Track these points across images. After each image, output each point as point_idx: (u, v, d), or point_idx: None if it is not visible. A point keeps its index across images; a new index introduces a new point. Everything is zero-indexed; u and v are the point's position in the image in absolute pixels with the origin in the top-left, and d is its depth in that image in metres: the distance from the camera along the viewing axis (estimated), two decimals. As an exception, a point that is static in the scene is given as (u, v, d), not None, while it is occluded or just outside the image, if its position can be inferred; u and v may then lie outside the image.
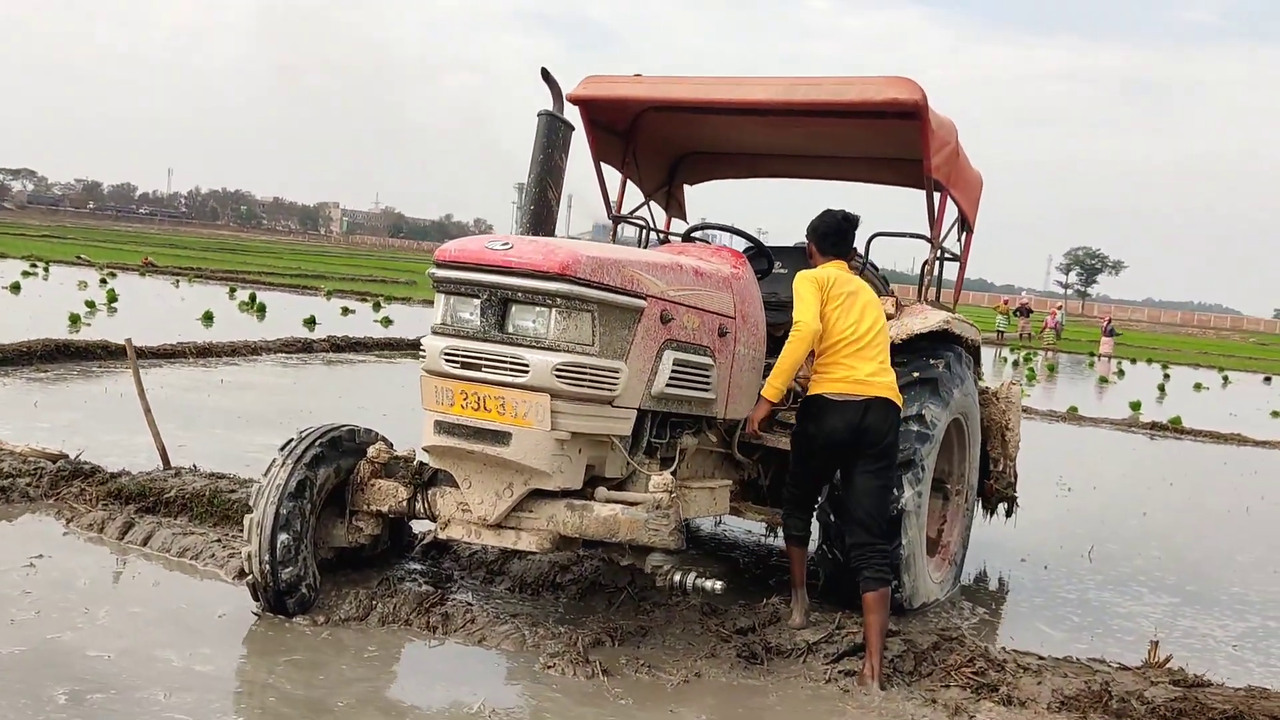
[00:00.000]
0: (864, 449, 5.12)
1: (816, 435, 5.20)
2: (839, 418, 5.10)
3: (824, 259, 5.49)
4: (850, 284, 5.33)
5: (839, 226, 5.52)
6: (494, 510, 4.84)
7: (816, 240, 5.52)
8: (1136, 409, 18.97)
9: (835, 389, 5.13)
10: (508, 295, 4.67)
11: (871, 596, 4.92)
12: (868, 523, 5.11)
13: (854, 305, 5.25)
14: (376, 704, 4.22)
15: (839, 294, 5.24)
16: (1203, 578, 7.87)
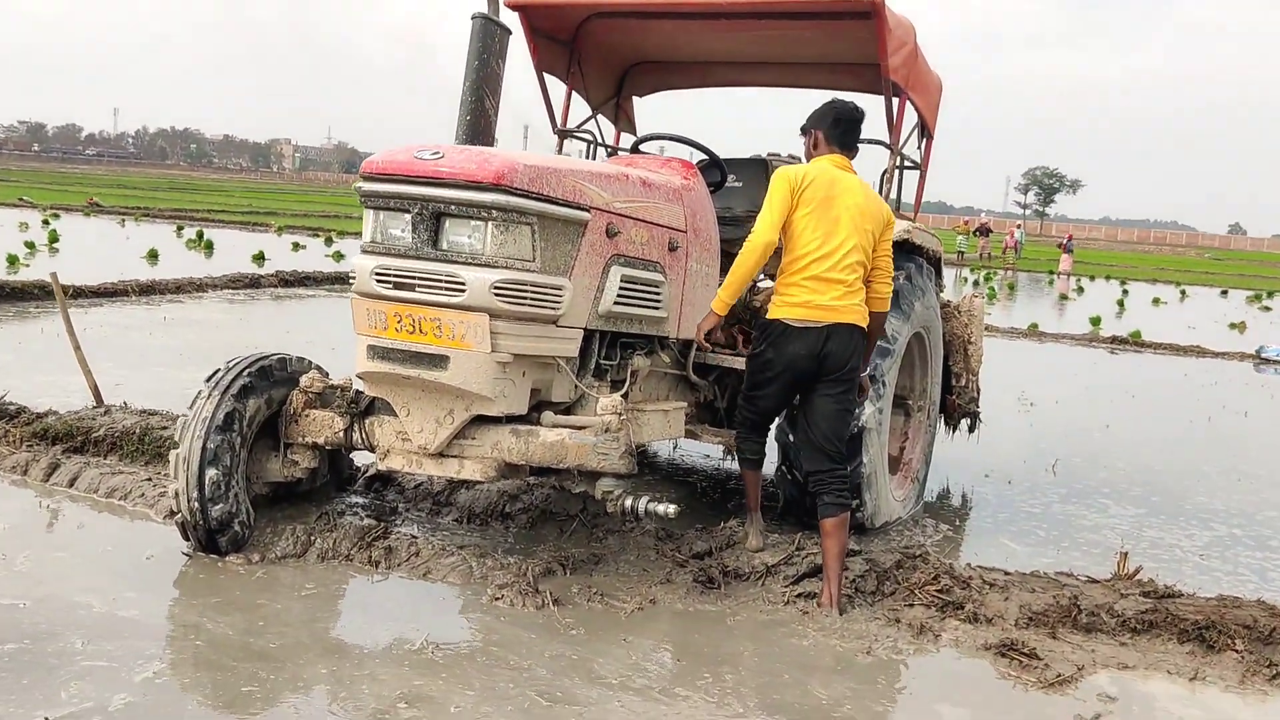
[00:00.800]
0: (825, 374, 4.82)
1: (775, 360, 4.89)
2: (800, 344, 4.79)
3: (829, 149, 4.97)
4: (833, 185, 4.81)
5: (853, 114, 5.03)
6: (434, 438, 4.58)
7: (826, 126, 4.99)
8: (1096, 324, 18.94)
9: (796, 314, 4.79)
10: (440, 208, 4.37)
11: (830, 522, 4.70)
12: (826, 447, 4.86)
13: (826, 213, 4.77)
14: (314, 644, 3.99)
15: (813, 198, 4.77)
16: (1167, 489, 7.78)
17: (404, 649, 4.00)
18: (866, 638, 4.39)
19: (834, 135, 4.98)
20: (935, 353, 6.88)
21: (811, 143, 5.03)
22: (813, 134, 5.02)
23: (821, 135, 4.99)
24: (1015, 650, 4.29)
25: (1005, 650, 4.30)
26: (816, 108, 5.06)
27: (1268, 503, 7.59)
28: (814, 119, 5.04)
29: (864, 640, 4.37)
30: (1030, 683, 4.10)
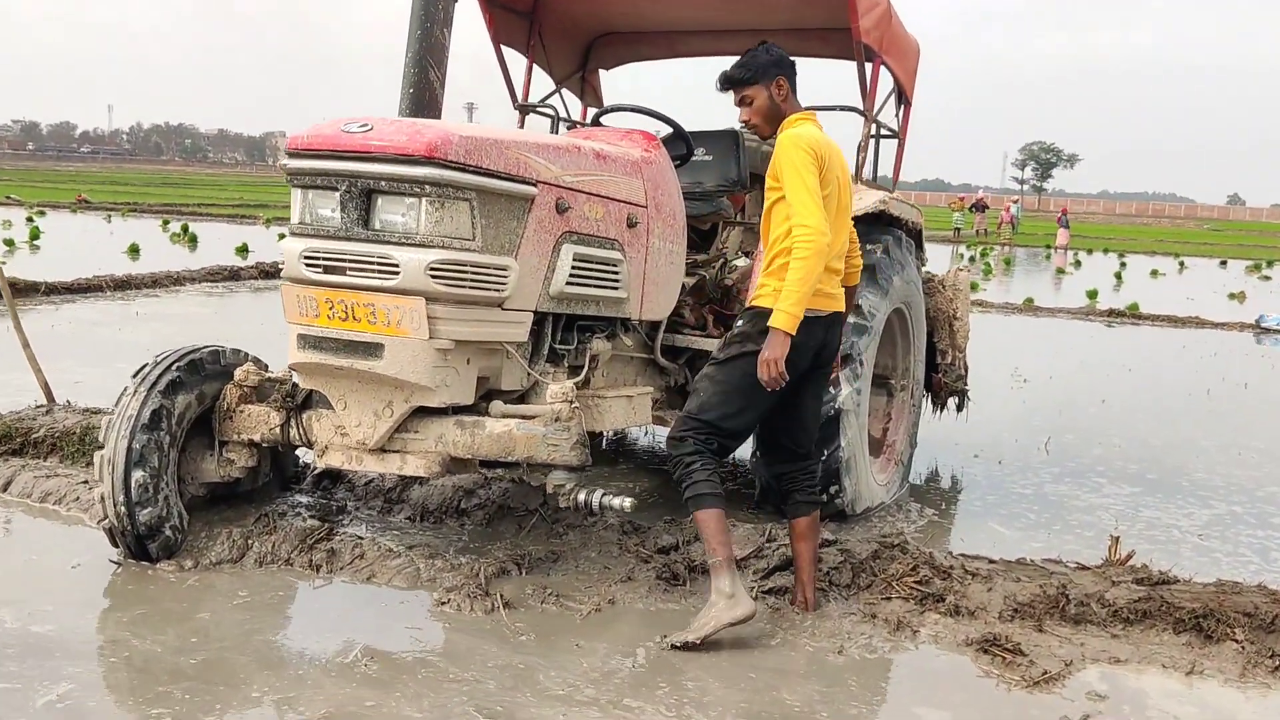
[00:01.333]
0: (815, 368, 4.28)
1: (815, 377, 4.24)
2: (808, 336, 4.07)
3: (796, 104, 4.24)
4: (838, 158, 4.17)
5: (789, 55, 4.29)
6: (374, 433, 4.28)
7: (789, 71, 4.22)
8: (1093, 297, 18.63)
9: (817, 305, 4.09)
10: (370, 185, 4.06)
11: (803, 522, 4.31)
12: (805, 444, 4.40)
13: (839, 194, 4.14)
14: (242, 658, 3.69)
15: (832, 178, 4.07)
16: (1164, 465, 7.48)
17: (338, 662, 3.71)
18: (839, 636, 4.09)
19: (793, 84, 4.26)
20: (918, 329, 6.57)
21: (779, 95, 4.19)
22: (778, 84, 4.18)
23: (788, 82, 4.21)
24: (998, 646, 3.99)
25: (987, 646, 4.01)
26: (757, 52, 4.19)
27: (1270, 478, 7.29)
28: (772, 65, 4.18)
29: (836, 639, 4.07)
30: (1014, 681, 3.80)
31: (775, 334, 3.89)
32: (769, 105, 4.20)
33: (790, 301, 3.88)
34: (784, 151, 4.00)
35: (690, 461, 4.02)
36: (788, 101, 4.21)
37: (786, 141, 4.02)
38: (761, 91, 4.18)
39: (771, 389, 3.93)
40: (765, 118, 4.23)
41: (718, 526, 3.99)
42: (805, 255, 3.87)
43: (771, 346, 3.89)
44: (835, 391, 5.39)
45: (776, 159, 4.04)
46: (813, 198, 3.92)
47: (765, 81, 4.17)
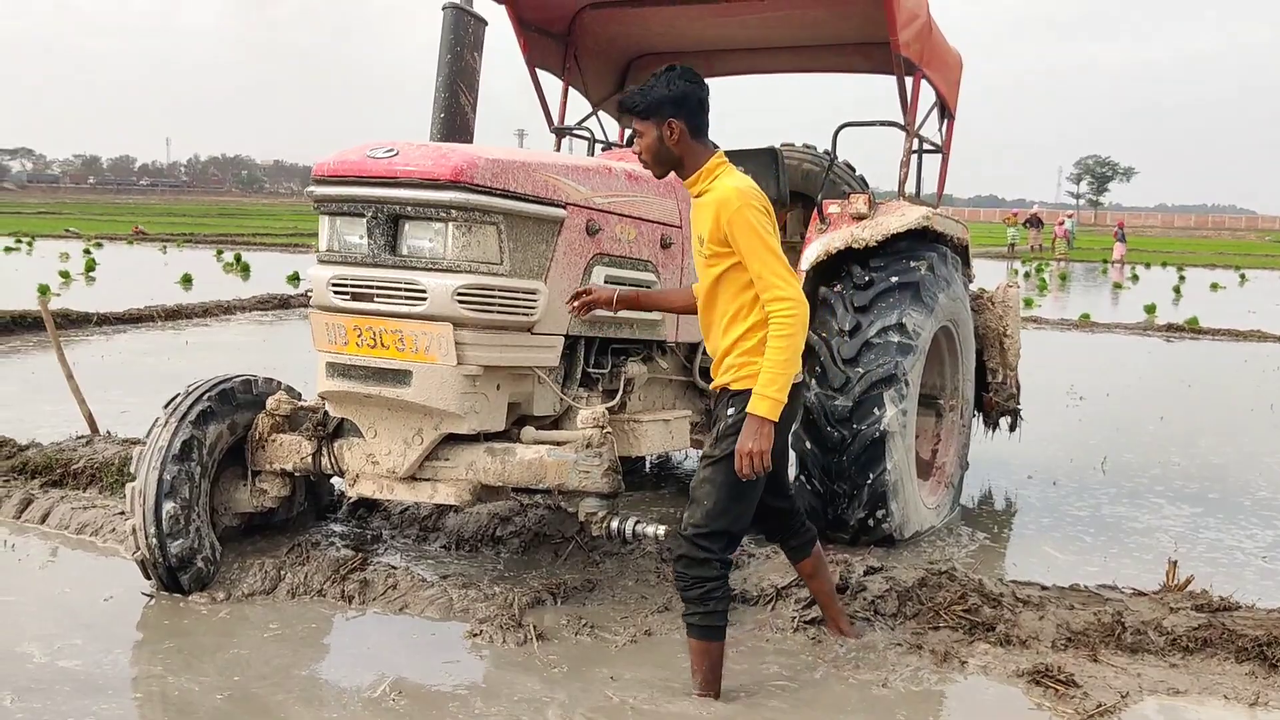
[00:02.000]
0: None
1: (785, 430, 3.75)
2: (798, 403, 3.90)
3: (701, 146, 3.59)
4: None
5: (706, 91, 3.64)
6: (404, 461, 4.22)
7: (690, 111, 3.55)
8: (1151, 312, 18.24)
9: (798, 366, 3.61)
10: (397, 210, 4.01)
11: (808, 563, 4.07)
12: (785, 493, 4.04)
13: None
14: (270, 693, 3.62)
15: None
16: (1226, 483, 7.22)
17: (367, 696, 3.62)
18: (884, 667, 3.94)
19: (703, 123, 3.60)
20: (967, 347, 6.40)
21: (670, 138, 3.54)
22: (669, 126, 3.53)
23: (686, 126, 3.55)
24: (1050, 677, 3.82)
25: (1039, 677, 3.83)
26: (656, 82, 3.56)
27: (1337, 496, 7.01)
28: (666, 103, 3.53)
29: (881, 670, 3.92)
30: (1067, 714, 3.63)
31: (761, 424, 3.40)
32: (657, 147, 3.57)
33: (775, 387, 3.41)
34: (733, 211, 3.41)
35: (715, 586, 3.53)
36: (682, 145, 3.55)
37: (733, 198, 3.42)
38: (651, 129, 3.56)
39: (749, 479, 3.45)
40: (654, 158, 3.62)
41: (718, 657, 3.63)
42: (789, 332, 3.40)
43: (758, 438, 3.39)
44: (879, 413, 5.25)
45: (719, 218, 3.44)
46: (783, 263, 3.43)
47: (656, 120, 3.55)
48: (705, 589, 3.51)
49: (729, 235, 3.44)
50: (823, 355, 5.41)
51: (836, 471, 5.34)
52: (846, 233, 5.64)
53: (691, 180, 3.60)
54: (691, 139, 3.56)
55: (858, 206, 5.70)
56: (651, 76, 3.60)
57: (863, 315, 5.47)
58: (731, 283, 3.54)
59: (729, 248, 3.46)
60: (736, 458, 3.41)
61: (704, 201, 3.54)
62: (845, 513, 5.37)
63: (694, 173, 3.58)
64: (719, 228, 3.45)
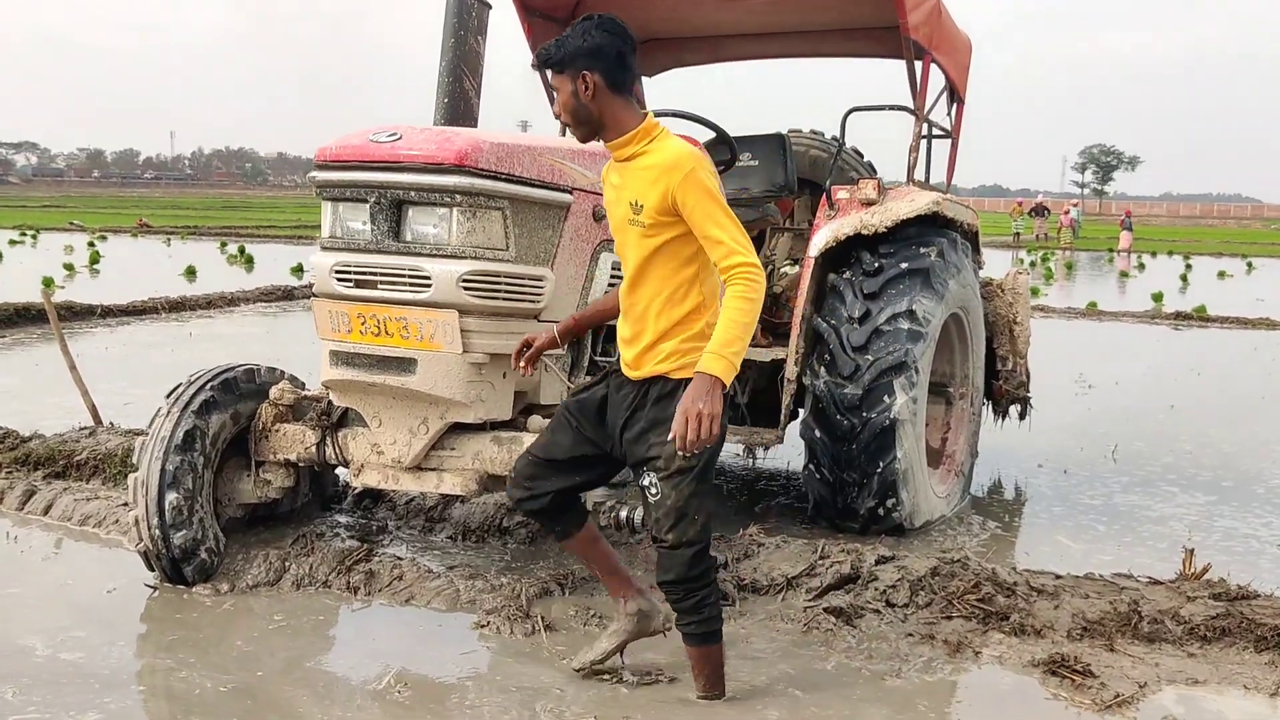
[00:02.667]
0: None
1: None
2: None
3: (623, 102, 3.27)
4: None
5: (623, 43, 3.27)
6: (409, 451, 4.16)
7: (605, 68, 3.21)
8: (1159, 300, 18.14)
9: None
10: (400, 196, 3.95)
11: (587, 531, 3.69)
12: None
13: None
14: (271, 685, 3.57)
15: None
16: (1239, 471, 7.15)
17: (372, 688, 3.57)
18: (896, 658, 3.88)
19: (622, 78, 3.26)
20: (976, 335, 6.34)
21: (585, 93, 3.22)
22: (584, 78, 3.21)
23: (600, 80, 3.22)
24: (1066, 666, 3.75)
25: (1055, 667, 3.77)
26: (572, 31, 3.25)
27: (1352, 483, 6.95)
28: (581, 54, 3.20)
29: (894, 660, 3.86)
30: (1084, 704, 3.57)
31: (714, 385, 3.07)
32: (574, 103, 3.24)
33: (734, 349, 3.10)
34: (686, 173, 3.14)
35: (708, 591, 3.38)
36: (600, 101, 3.23)
37: (686, 160, 3.16)
38: (566, 84, 3.23)
39: (689, 452, 3.14)
40: (572, 117, 3.28)
41: (722, 660, 3.54)
42: (754, 296, 3.12)
43: (710, 400, 3.06)
44: (889, 400, 5.19)
45: (667, 183, 3.15)
46: (742, 230, 3.18)
47: (571, 73, 3.22)
48: (699, 596, 3.37)
49: (678, 201, 3.14)
50: (832, 343, 5.35)
51: (846, 460, 5.28)
52: (855, 219, 5.58)
53: (622, 142, 3.25)
54: (612, 94, 3.22)
55: (866, 192, 5.63)
56: (570, 27, 3.30)
57: (872, 302, 5.41)
58: (671, 257, 3.24)
59: (674, 216, 3.17)
60: (680, 419, 3.06)
61: (641, 165, 3.21)
62: (855, 501, 5.32)
63: (620, 134, 3.25)
64: (666, 194, 3.14)
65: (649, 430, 3.30)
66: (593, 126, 3.29)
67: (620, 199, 3.29)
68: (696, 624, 3.40)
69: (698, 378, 3.09)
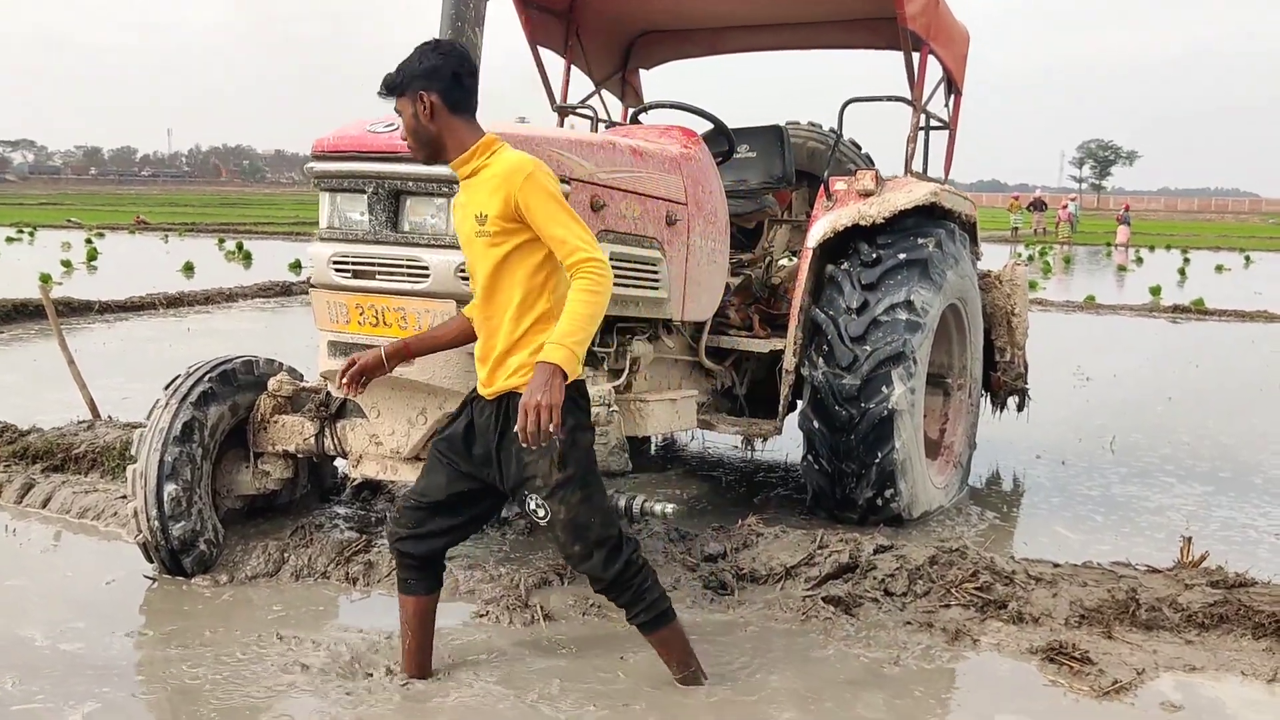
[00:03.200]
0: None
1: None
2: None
3: (463, 122, 3.28)
4: None
5: (473, 66, 3.37)
6: (407, 441, 4.16)
7: (443, 89, 3.22)
8: (1156, 294, 18.14)
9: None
10: (398, 186, 3.95)
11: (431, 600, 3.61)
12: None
13: None
14: (266, 676, 3.57)
15: None
16: (1237, 462, 7.16)
17: (371, 678, 3.57)
18: (895, 646, 3.89)
19: (461, 98, 3.27)
20: (974, 326, 6.34)
21: (424, 114, 3.22)
22: (421, 100, 3.22)
23: (437, 101, 3.22)
24: (1065, 654, 3.77)
25: (1053, 654, 3.78)
26: (414, 55, 3.27)
27: (1350, 473, 6.95)
28: (420, 76, 3.23)
29: (893, 649, 3.87)
30: (1082, 691, 3.58)
31: (554, 373, 3.05)
32: (414, 124, 3.25)
33: (576, 339, 3.08)
34: (525, 177, 3.15)
35: (640, 578, 3.37)
36: (439, 121, 3.24)
37: (525, 164, 3.19)
38: (406, 106, 3.25)
39: (531, 445, 3.08)
40: (414, 138, 3.29)
41: (684, 637, 3.52)
42: (599, 289, 3.11)
43: (549, 390, 3.03)
44: (887, 391, 5.20)
45: (508, 189, 3.15)
46: (586, 229, 3.19)
47: (410, 95, 3.24)
48: (633, 588, 3.36)
49: (520, 205, 3.14)
50: (830, 334, 5.35)
51: (844, 450, 5.28)
52: (853, 209, 5.58)
53: (463, 159, 3.27)
54: (451, 114, 3.23)
55: (864, 183, 5.63)
56: (411, 52, 3.31)
57: (870, 293, 5.41)
58: (519, 265, 3.23)
59: (518, 222, 3.17)
60: (521, 413, 3.03)
61: (483, 178, 3.23)
62: (853, 492, 5.33)
63: (461, 151, 3.26)
64: (508, 200, 3.15)
65: (521, 451, 3.24)
66: (434, 147, 3.30)
67: (466, 216, 3.29)
68: (642, 612, 3.40)
69: (537, 368, 3.08)
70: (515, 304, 3.24)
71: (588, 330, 3.11)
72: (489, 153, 3.26)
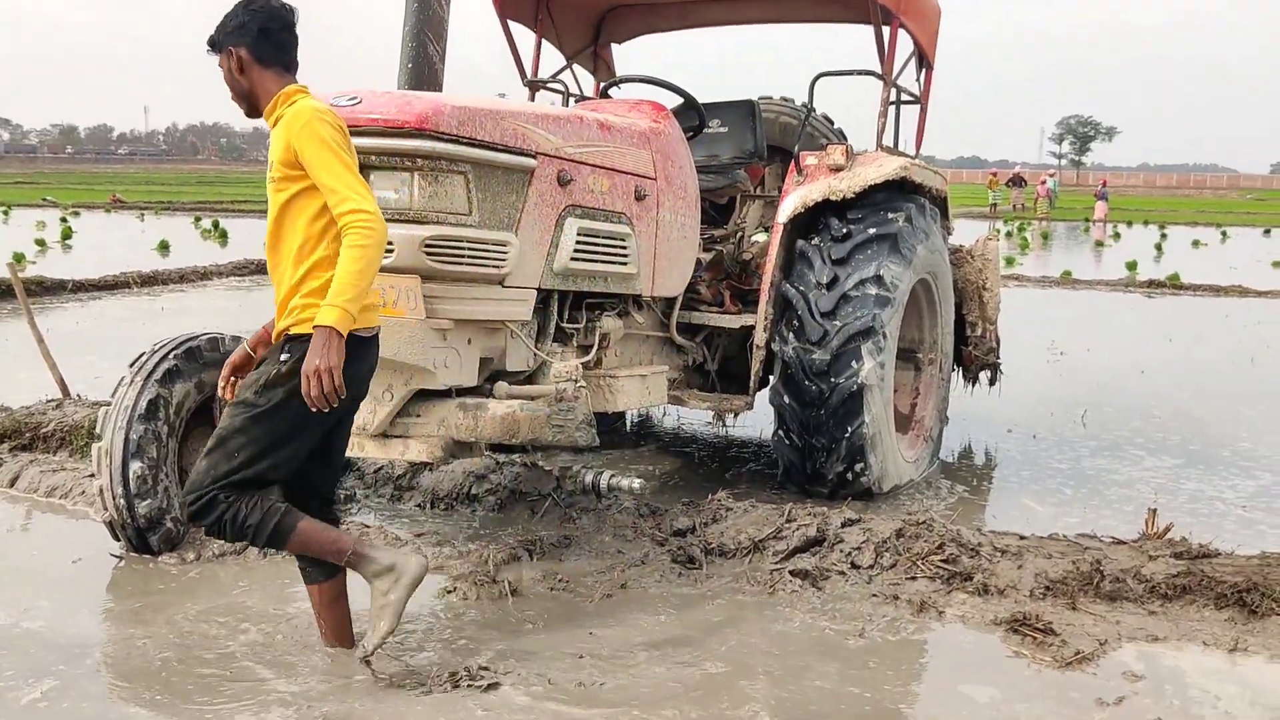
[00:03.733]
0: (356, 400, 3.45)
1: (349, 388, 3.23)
2: (369, 359, 3.39)
3: (279, 75, 3.35)
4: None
5: (287, 17, 3.39)
6: (374, 417, 4.14)
7: (251, 43, 3.30)
8: (1133, 269, 18.23)
9: (366, 322, 3.30)
10: (361, 160, 3.86)
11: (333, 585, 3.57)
12: (333, 491, 3.70)
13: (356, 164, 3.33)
14: (227, 654, 3.56)
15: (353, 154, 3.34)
16: (1207, 436, 7.21)
17: (334, 655, 3.57)
18: (860, 618, 3.91)
19: (270, 54, 3.33)
20: (945, 301, 6.35)
21: (236, 70, 3.32)
22: (233, 55, 3.32)
23: (246, 55, 3.31)
24: (1028, 625, 3.80)
25: (1017, 625, 3.81)
26: (231, 11, 3.36)
27: (1318, 446, 7.01)
28: (231, 32, 3.32)
29: (858, 621, 3.89)
30: (1045, 662, 3.61)
31: (330, 336, 3.07)
32: (229, 79, 3.36)
33: (347, 296, 3.09)
34: (302, 124, 3.18)
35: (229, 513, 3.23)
36: (250, 75, 3.32)
37: (304, 113, 3.20)
38: (223, 61, 3.35)
39: (319, 409, 3.12)
40: (232, 92, 3.38)
41: (314, 531, 3.34)
42: (366, 244, 3.11)
43: (327, 353, 3.07)
44: (857, 366, 5.21)
45: (288, 136, 3.20)
46: (356, 177, 3.21)
47: (224, 52, 3.34)
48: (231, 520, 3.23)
49: (297, 150, 3.18)
50: (800, 309, 5.35)
51: (814, 425, 5.30)
52: (824, 184, 5.58)
53: (269, 110, 3.34)
54: (260, 68, 3.32)
55: (835, 158, 5.63)
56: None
57: (840, 268, 5.41)
58: (301, 211, 3.26)
59: (299, 169, 3.21)
60: (304, 380, 3.08)
61: (278, 127, 3.29)
62: (823, 466, 5.34)
63: (269, 102, 3.34)
64: (289, 146, 3.19)
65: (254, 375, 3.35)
66: (249, 100, 3.38)
67: (268, 161, 3.34)
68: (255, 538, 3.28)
69: (315, 332, 3.11)
70: (295, 249, 3.27)
71: (359, 285, 3.12)
72: (288, 102, 3.31)
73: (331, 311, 3.09)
